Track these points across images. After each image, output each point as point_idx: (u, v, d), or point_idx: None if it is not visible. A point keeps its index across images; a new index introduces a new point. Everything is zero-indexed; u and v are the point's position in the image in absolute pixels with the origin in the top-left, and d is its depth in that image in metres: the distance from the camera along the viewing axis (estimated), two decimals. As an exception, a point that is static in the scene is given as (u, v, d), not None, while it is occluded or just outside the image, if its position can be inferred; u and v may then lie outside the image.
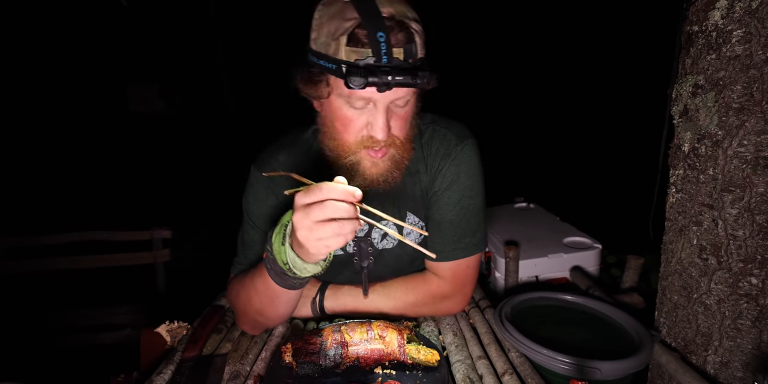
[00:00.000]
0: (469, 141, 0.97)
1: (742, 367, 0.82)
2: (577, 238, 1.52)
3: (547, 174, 5.00)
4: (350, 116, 0.81)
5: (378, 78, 0.71)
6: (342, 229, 0.62)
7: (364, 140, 0.82)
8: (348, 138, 0.83)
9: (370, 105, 0.79)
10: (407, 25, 0.75)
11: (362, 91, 0.75)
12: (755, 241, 0.76)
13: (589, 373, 0.78)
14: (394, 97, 0.78)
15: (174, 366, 0.85)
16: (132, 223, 2.07)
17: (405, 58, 0.74)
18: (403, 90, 0.77)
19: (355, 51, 0.73)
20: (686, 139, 0.86)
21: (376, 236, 1.00)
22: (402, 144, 0.85)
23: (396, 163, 0.86)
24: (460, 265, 0.97)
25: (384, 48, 0.72)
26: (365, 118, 0.81)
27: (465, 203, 0.96)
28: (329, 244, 0.64)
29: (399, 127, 0.84)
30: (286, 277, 0.74)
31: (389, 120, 0.80)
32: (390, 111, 0.80)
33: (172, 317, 1.02)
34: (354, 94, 0.77)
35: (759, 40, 0.71)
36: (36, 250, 1.89)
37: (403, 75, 0.72)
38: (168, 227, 1.99)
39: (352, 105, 0.80)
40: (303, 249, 0.66)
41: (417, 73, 0.72)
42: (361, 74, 0.70)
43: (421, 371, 0.77)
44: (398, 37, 0.74)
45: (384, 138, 0.80)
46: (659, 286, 0.99)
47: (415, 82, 0.72)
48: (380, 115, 0.79)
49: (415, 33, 0.76)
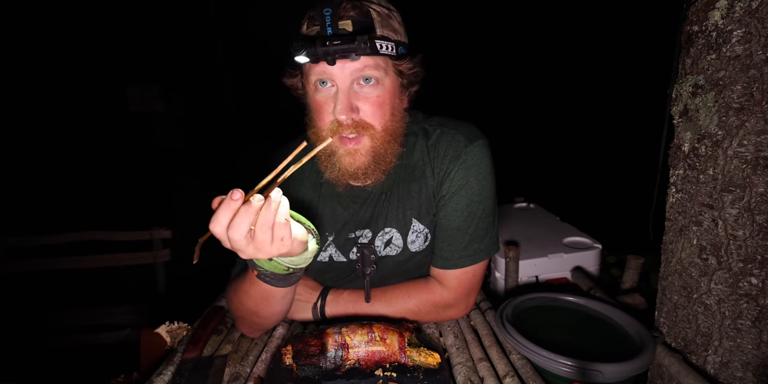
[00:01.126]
0: (479, 142, 0.94)
1: (742, 367, 0.82)
2: (577, 238, 1.52)
3: (547, 174, 5.00)
4: (319, 100, 0.83)
5: (317, 47, 0.74)
6: (219, 217, 0.56)
7: (333, 125, 0.82)
8: (320, 124, 0.84)
9: (335, 88, 0.81)
10: (363, 3, 0.79)
11: (317, 66, 0.78)
12: (755, 241, 0.76)
13: (591, 375, 0.77)
14: (351, 72, 0.79)
15: (174, 367, 0.85)
16: (132, 223, 2.07)
17: (354, 29, 0.77)
18: (359, 63, 0.79)
19: (310, 31, 0.79)
20: (686, 139, 0.86)
21: (379, 243, 0.99)
22: (380, 135, 0.84)
23: (376, 156, 0.85)
24: (466, 273, 0.95)
25: (329, 20, 0.76)
26: (332, 103, 0.82)
27: (474, 208, 0.93)
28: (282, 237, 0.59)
29: (371, 112, 0.82)
30: (290, 276, 0.74)
31: (353, 101, 0.81)
32: (354, 92, 0.81)
33: (172, 318, 1.02)
34: (312, 70, 0.80)
35: (759, 40, 0.71)
36: (36, 250, 1.88)
37: (341, 40, 0.74)
38: (168, 227, 1.99)
39: (318, 88, 0.82)
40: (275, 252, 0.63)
41: (355, 37, 0.74)
42: (301, 45, 0.75)
43: (422, 373, 0.77)
44: (347, 11, 0.78)
45: (345, 117, 0.80)
46: (659, 286, 0.99)
47: (353, 46, 0.74)
48: (341, 94, 0.80)
49: (373, 11, 0.79)
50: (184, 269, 2.28)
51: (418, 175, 0.96)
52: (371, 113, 0.83)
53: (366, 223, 0.99)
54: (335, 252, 1.00)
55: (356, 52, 0.76)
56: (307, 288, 0.99)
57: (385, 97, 0.83)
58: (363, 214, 0.98)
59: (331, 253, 1.00)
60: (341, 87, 0.80)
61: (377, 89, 0.82)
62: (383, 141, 0.85)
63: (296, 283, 0.82)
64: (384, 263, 0.99)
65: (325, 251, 1.00)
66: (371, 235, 0.99)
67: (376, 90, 0.82)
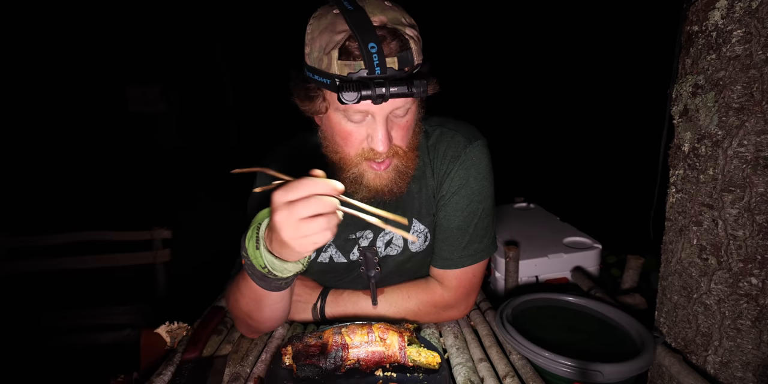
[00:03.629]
0: (478, 142, 0.95)
1: (742, 367, 0.82)
2: (577, 238, 1.52)
3: (547, 174, 5.00)
4: (349, 130, 0.79)
5: (371, 91, 0.69)
6: (329, 223, 0.60)
7: (365, 152, 0.81)
8: (349, 151, 0.82)
9: (369, 117, 0.78)
10: (400, 32, 0.73)
11: (358, 104, 0.73)
12: (755, 241, 0.76)
13: (591, 376, 0.77)
14: (392, 108, 0.76)
15: (174, 367, 0.85)
16: (132, 223, 2.07)
17: (400, 66, 0.72)
18: (401, 100, 0.75)
19: (348, 64, 0.71)
20: (686, 139, 0.86)
21: (380, 244, 0.99)
22: (405, 154, 0.84)
23: (400, 174, 0.85)
24: (466, 273, 0.95)
25: (376, 59, 0.70)
26: (365, 131, 0.79)
27: (474, 208, 0.93)
28: (317, 240, 0.61)
29: (401, 136, 0.82)
30: (268, 279, 0.73)
31: (390, 131, 0.79)
32: (390, 121, 0.79)
33: (172, 318, 1.02)
34: (350, 108, 0.75)
35: (759, 40, 0.71)
36: (36, 250, 1.88)
37: (398, 85, 0.70)
38: (168, 227, 1.99)
39: (350, 119, 0.78)
40: (287, 249, 0.64)
41: (413, 82, 0.70)
42: (353, 88, 0.68)
43: (422, 374, 0.77)
44: (391, 46, 0.72)
45: (385, 150, 0.79)
46: (659, 286, 0.99)
47: (411, 91, 0.70)
48: (380, 127, 0.77)
49: (410, 39, 0.74)
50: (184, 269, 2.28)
51: (418, 175, 0.96)
52: (401, 137, 0.82)
53: (367, 224, 0.98)
54: (335, 253, 1.00)
55: (412, 97, 0.72)
56: (306, 288, 0.99)
57: (412, 120, 0.83)
58: None
59: (331, 254, 1.00)
60: (379, 119, 0.77)
61: (408, 116, 0.81)
62: (407, 159, 0.85)
63: (286, 292, 0.81)
64: (384, 263, 0.99)
65: (326, 252, 1.00)
66: (372, 236, 0.98)
67: (407, 117, 0.81)
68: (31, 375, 1.75)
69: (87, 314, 1.87)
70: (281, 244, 0.63)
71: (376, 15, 0.72)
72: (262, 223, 0.70)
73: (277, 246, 0.65)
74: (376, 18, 0.72)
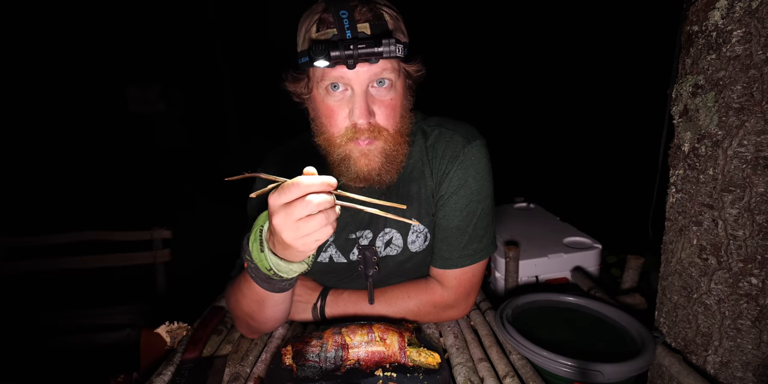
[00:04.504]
0: (477, 142, 0.94)
1: (742, 367, 0.82)
2: (577, 238, 1.52)
3: (547, 174, 5.00)
4: (331, 106, 0.80)
5: (339, 50, 0.70)
6: (328, 218, 0.60)
7: (348, 131, 0.81)
8: (333, 130, 0.82)
9: (349, 91, 0.79)
10: (374, 4, 0.76)
11: (333, 70, 0.75)
12: (755, 241, 0.76)
13: (591, 375, 0.77)
14: (369, 76, 0.77)
15: (174, 367, 0.85)
16: (132, 223, 2.07)
17: (372, 33, 0.74)
18: (377, 66, 0.76)
19: (323, 34, 0.75)
20: (686, 139, 0.86)
21: (380, 244, 0.99)
22: (392, 137, 0.83)
23: (388, 158, 0.84)
24: (466, 272, 0.95)
25: (347, 23, 0.73)
26: (346, 107, 0.80)
27: (473, 208, 0.93)
28: (318, 237, 0.62)
29: (385, 115, 0.81)
30: (273, 281, 0.73)
31: (370, 104, 0.79)
32: (371, 96, 0.79)
33: (172, 318, 1.02)
34: (326, 75, 0.77)
35: (759, 40, 0.71)
36: (36, 250, 1.88)
37: (366, 43, 0.71)
38: (168, 227, 1.99)
39: (330, 93, 0.79)
40: (290, 250, 0.64)
41: (380, 40, 0.71)
42: (322, 49, 0.70)
43: (422, 374, 0.77)
44: (363, 12, 0.75)
45: (365, 121, 0.79)
46: (659, 286, 0.99)
47: (381, 50, 0.71)
48: (358, 98, 0.78)
49: (385, 13, 0.77)
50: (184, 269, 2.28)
51: (417, 175, 0.96)
52: (385, 117, 0.82)
53: (366, 224, 0.99)
54: (335, 253, 1.00)
55: (382, 55, 0.72)
56: (306, 289, 0.99)
57: (398, 99, 0.83)
58: (363, 214, 0.98)
59: (331, 254, 1.00)
60: (358, 90, 0.77)
61: (391, 92, 0.81)
62: (395, 143, 0.84)
63: (288, 292, 0.81)
64: (384, 263, 0.99)
65: (326, 252, 1.00)
66: (372, 235, 0.98)
67: (390, 93, 0.81)
68: (32, 375, 1.75)
69: (87, 314, 1.87)
70: (284, 245, 0.64)
71: None
72: (264, 226, 0.70)
73: (281, 248, 0.66)
74: None
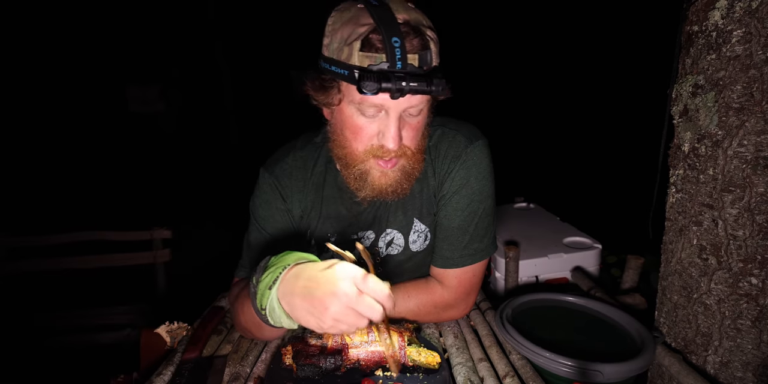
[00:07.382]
0: (479, 142, 0.95)
1: (742, 367, 0.82)
2: (577, 238, 1.52)
3: (547, 174, 5.00)
4: (361, 124, 0.79)
5: (392, 84, 0.69)
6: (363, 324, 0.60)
7: (374, 149, 0.80)
8: (358, 147, 0.81)
9: (382, 113, 0.78)
10: (422, 31, 0.74)
11: (374, 97, 0.73)
12: (755, 241, 0.76)
13: (591, 375, 0.77)
14: (407, 106, 0.76)
15: (174, 367, 0.85)
16: (132, 223, 2.07)
17: (419, 65, 0.73)
18: (416, 98, 0.76)
19: (369, 56, 0.72)
20: (686, 139, 0.86)
21: (382, 244, 0.99)
22: (413, 155, 0.84)
23: (406, 175, 0.85)
24: (466, 272, 0.95)
25: (399, 53, 0.70)
26: (376, 127, 0.79)
27: (474, 208, 0.94)
28: (342, 329, 0.60)
29: (411, 137, 0.82)
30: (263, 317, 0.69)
31: (401, 129, 0.79)
32: (402, 120, 0.79)
33: (172, 318, 1.02)
34: (366, 100, 0.75)
35: (759, 40, 0.71)
36: (36, 250, 1.88)
37: (418, 81, 0.70)
38: (168, 227, 1.99)
39: (364, 113, 0.78)
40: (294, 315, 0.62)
41: (432, 80, 0.70)
42: (374, 79, 0.68)
43: (422, 374, 0.77)
44: (413, 43, 0.72)
45: (396, 148, 0.79)
46: (659, 286, 0.99)
47: (430, 89, 0.70)
48: (392, 124, 0.77)
49: (431, 40, 0.75)
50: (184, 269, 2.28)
51: (419, 175, 0.96)
52: (411, 138, 0.82)
53: (369, 225, 0.99)
54: None
55: (431, 93, 0.72)
56: None
57: (423, 121, 0.83)
58: (366, 215, 0.98)
59: (332, 254, 1.00)
60: (393, 116, 0.77)
61: (419, 116, 0.82)
62: (415, 160, 0.85)
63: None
64: (386, 263, 1.00)
65: (327, 253, 1.00)
66: (374, 236, 0.99)
67: (419, 117, 0.81)
68: (32, 375, 1.75)
69: (87, 314, 1.87)
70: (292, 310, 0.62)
71: (400, 13, 0.74)
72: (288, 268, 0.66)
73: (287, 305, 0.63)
74: (400, 15, 0.73)
